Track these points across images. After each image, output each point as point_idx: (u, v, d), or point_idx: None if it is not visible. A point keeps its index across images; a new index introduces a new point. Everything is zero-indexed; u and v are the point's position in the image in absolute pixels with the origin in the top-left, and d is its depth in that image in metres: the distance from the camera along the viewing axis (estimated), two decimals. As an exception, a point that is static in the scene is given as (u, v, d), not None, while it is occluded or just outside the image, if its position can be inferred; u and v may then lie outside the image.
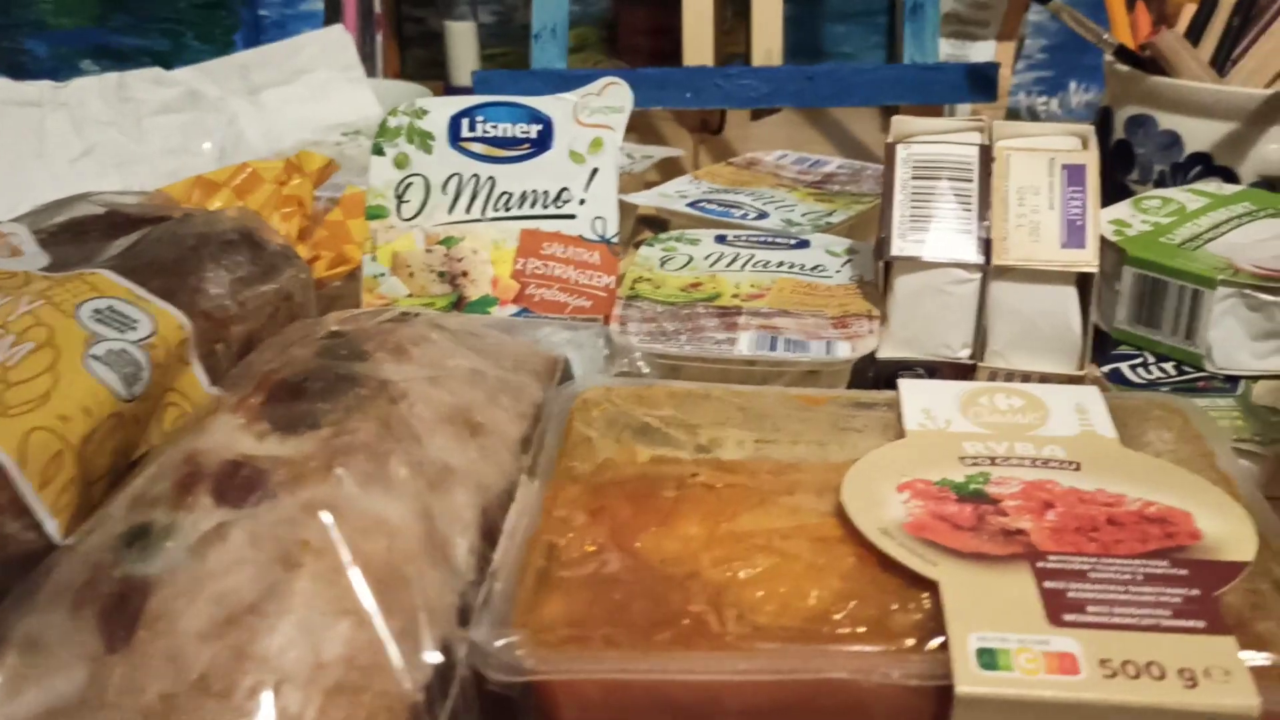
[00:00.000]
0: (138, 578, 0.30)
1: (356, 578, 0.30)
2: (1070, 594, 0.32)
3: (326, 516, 0.31)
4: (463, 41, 1.04)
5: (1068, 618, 0.31)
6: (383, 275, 0.54)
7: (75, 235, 0.47)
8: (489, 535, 0.35)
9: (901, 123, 0.55)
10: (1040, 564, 0.33)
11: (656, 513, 0.38)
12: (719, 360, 0.49)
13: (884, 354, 0.52)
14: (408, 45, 1.18)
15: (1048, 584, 0.33)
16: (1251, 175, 0.64)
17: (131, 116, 0.75)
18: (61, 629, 0.30)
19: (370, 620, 0.30)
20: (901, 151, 0.53)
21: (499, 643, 0.31)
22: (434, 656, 0.30)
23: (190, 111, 0.77)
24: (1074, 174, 0.51)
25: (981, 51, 0.90)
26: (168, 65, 0.80)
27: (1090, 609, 0.32)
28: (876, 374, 0.52)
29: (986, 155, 0.52)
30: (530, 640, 0.32)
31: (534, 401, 0.42)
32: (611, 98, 0.54)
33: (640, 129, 0.99)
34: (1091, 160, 0.51)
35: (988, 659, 0.30)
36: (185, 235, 0.48)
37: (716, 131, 0.90)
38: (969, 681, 0.30)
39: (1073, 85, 1.00)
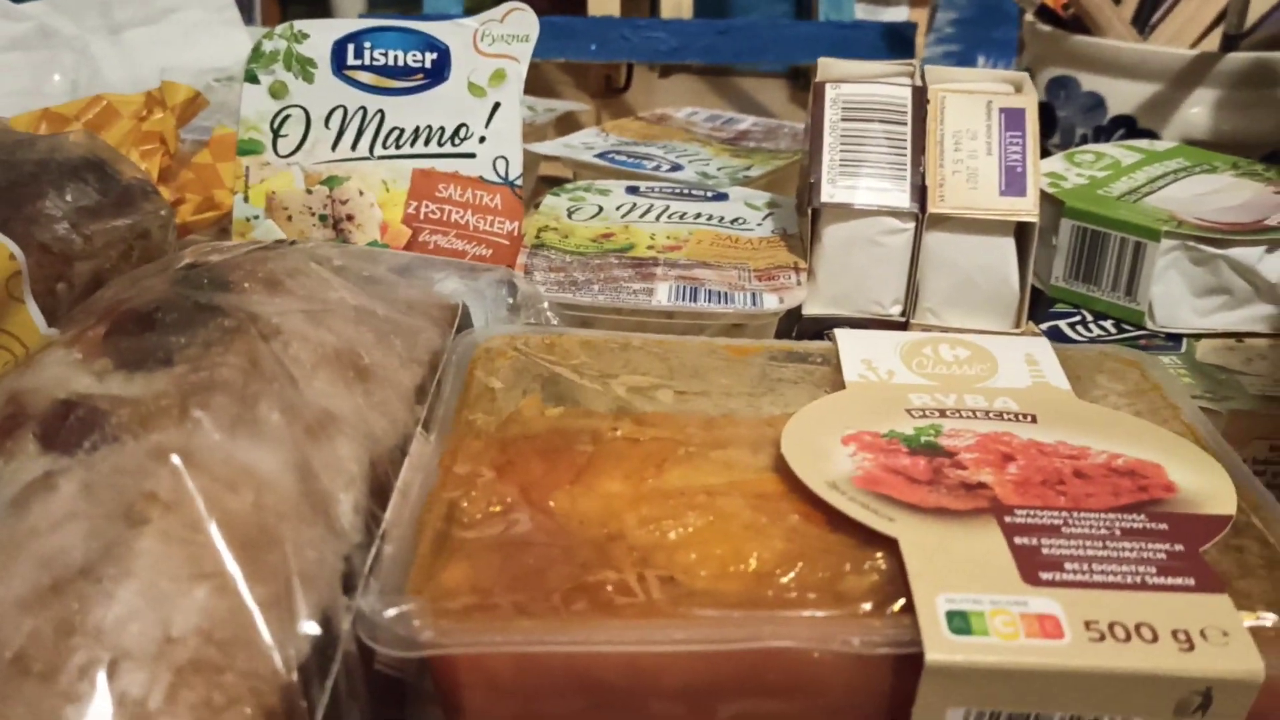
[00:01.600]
0: (-62, 536, 0.24)
1: (216, 536, 0.25)
2: (1045, 550, 0.29)
3: (178, 462, 0.26)
4: (349, -7, 0.97)
5: (1044, 576, 0.28)
6: (256, 218, 0.48)
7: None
8: (378, 493, 0.30)
9: (829, 64, 0.51)
10: (1008, 519, 0.30)
11: (572, 469, 0.33)
12: (636, 312, 0.45)
13: (810, 310, 0.48)
14: (288, 1, 1.11)
15: (1018, 540, 0.29)
16: (1174, 138, 0.62)
17: (-28, 53, 0.67)
18: None
19: (233, 586, 0.24)
20: (831, 91, 0.49)
21: (391, 612, 0.26)
22: (311, 628, 0.25)
23: (41, 49, 0.69)
24: (1012, 118, 0.48)
25: (894, 16, 0.87)
26: (18, 0, 0.72)
27: (1068, 566, 0.28)
28: (800, 332, 0.48)
29: (920, 97, 0.48)
30: (428, 609, 0.27)
31: (431, 348, 0.37)
32: (515, 24, 0.49)
33: (536, 89, 0.94)
34: (1030, 104, 0.48)
35: (959, 623, 0.26)
36: (23, 160, 0.41)
37: (623, 89, 0.86)
38: (941, 648, 0.26)
39: (981, 59, 0.99)
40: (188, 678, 0.23)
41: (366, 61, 0.49)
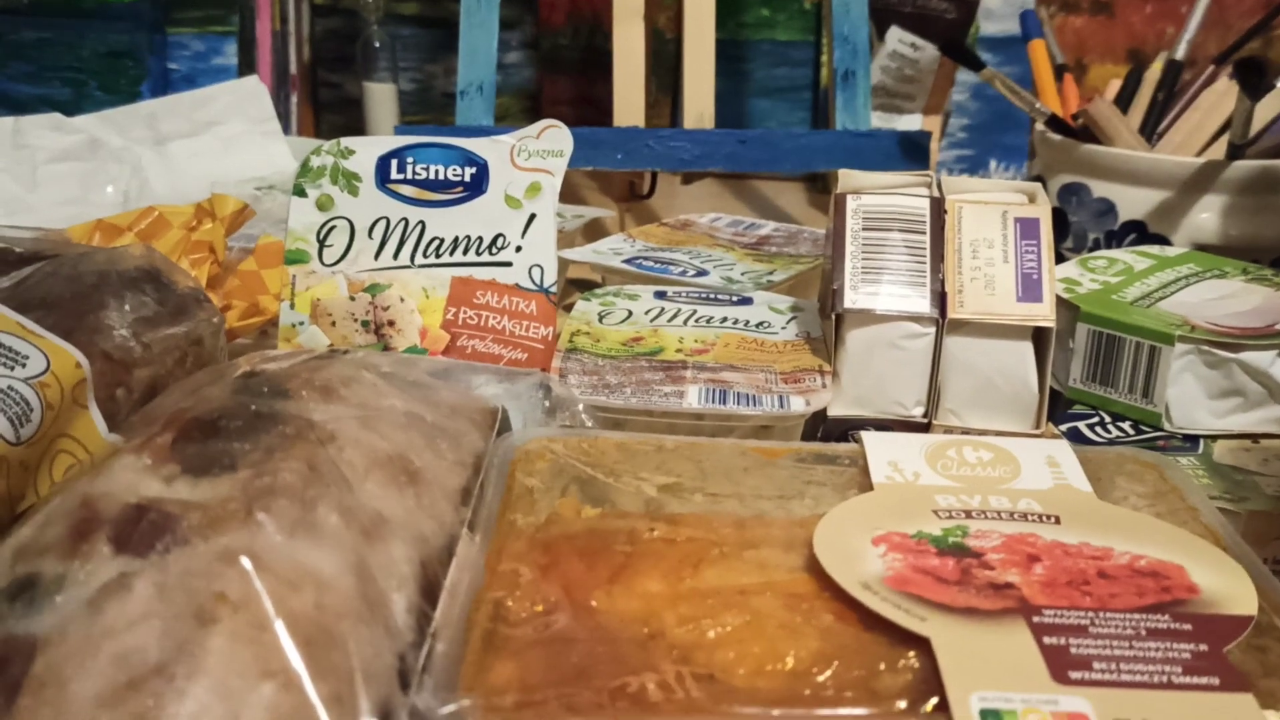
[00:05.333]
0: (22, 636, 0.26)
1: (282, 635, 0.26)
2: (1073, 650, 0.30)
3: (247, 564, 0.27)
4: (382, 103, 1.01)
5: (1074, 675, 0.29)
6: (302, 324, 0.51)
7: (-41, 269, 0.43)
8: (428, 592, 0.32)
9: (849, 176, 0.53)
10: (1036, 619, 0.31)
11: (611, 568, 0.34)
12: (667, 414, 0.46)
13: (835, 412, 0.49)
14: (323, 110, 1.15)
15: (1047, 639, 0.30)
16: (1184, 243, 0.64)
17: (27, 163, 0.70)
18: (-75, 697, 0.25)
19: (298, 683, 0.26)
20: (852, 203, 0.51)
21: (446, 709, 0.27)
22: (372, 725, 0.26)
23: (90, 160, 0.72)
24: (1027, 227, 0.50)
25: (908, 124, 0.91)
26: (69, 114, 0.76)
27: (1096, 666, 0.29)
28: (825, 433, 0.50)
29: (938, 207, 0.50)
30: (480, 706, 0.28)
31: (474, 451, 0.38)
32: (550, 140, 0.51)
33: (563, 195, 0.97)
34: (1044, 214, 0.50)
35: (993, 721, 0.27)
36: (85, 272, 0.44)
37: (647, 196, 0.89)
38: (976, 746, 0.27)
39: (993, 163, 1.02)
40: (255, 773, 0.24)
41: (409, 175, 0.51)
